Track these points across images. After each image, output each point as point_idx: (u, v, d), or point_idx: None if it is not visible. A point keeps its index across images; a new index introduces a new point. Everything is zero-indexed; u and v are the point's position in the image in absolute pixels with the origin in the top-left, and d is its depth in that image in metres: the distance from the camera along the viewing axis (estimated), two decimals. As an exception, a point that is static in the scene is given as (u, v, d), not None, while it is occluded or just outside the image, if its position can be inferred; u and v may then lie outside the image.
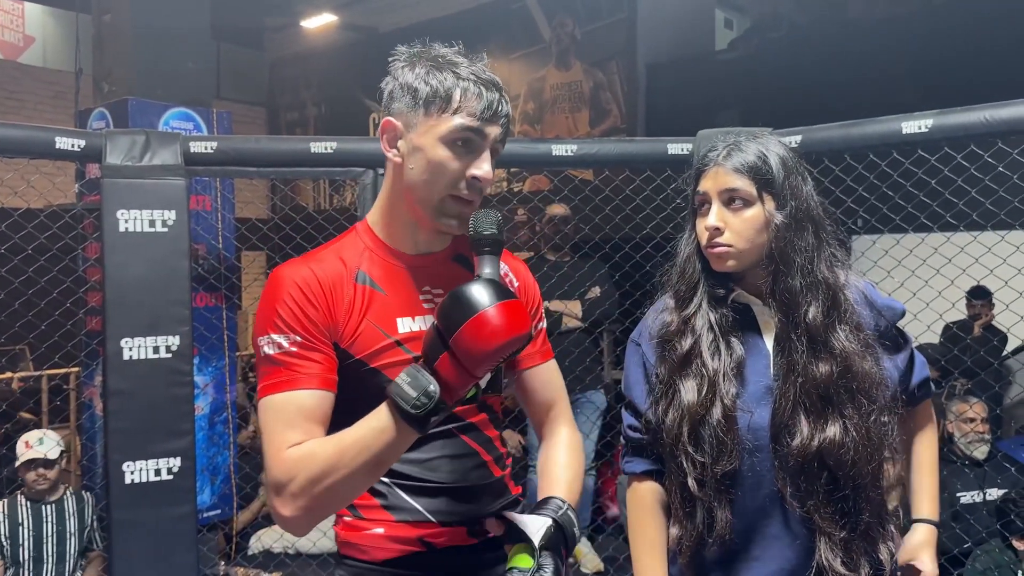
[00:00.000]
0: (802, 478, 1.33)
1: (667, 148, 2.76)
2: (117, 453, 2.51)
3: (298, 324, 1.16)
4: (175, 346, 2.57)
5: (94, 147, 2.55)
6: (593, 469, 4.01)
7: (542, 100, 8.22)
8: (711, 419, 1.35)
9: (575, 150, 2.81)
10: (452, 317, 1.04)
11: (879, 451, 1.35)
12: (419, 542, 1.24)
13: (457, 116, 1.17)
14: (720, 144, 1.43)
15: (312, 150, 2.69)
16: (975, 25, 5.33)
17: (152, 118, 3.55)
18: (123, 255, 2.53)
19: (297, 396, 1.14)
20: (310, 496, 1.10)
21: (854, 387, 1.35)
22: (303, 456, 1.11)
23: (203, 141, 2.67)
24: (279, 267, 1.22)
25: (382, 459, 1.10)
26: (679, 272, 1.48)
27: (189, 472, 2.60)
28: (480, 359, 1.04)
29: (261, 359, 1.17)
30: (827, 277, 1.39)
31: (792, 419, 1.34)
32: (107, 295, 2.53)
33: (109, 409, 2.54)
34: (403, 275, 1.26)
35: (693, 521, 1.38)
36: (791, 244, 1.37)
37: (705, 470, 1.35)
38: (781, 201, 1.38)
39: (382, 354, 1.21)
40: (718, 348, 1.39)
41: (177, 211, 2.58)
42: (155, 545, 2.53)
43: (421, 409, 1.05)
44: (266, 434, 1.15)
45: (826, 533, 1.33)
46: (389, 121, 1.22)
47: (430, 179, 1.19)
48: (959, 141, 2.43)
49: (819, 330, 1.36)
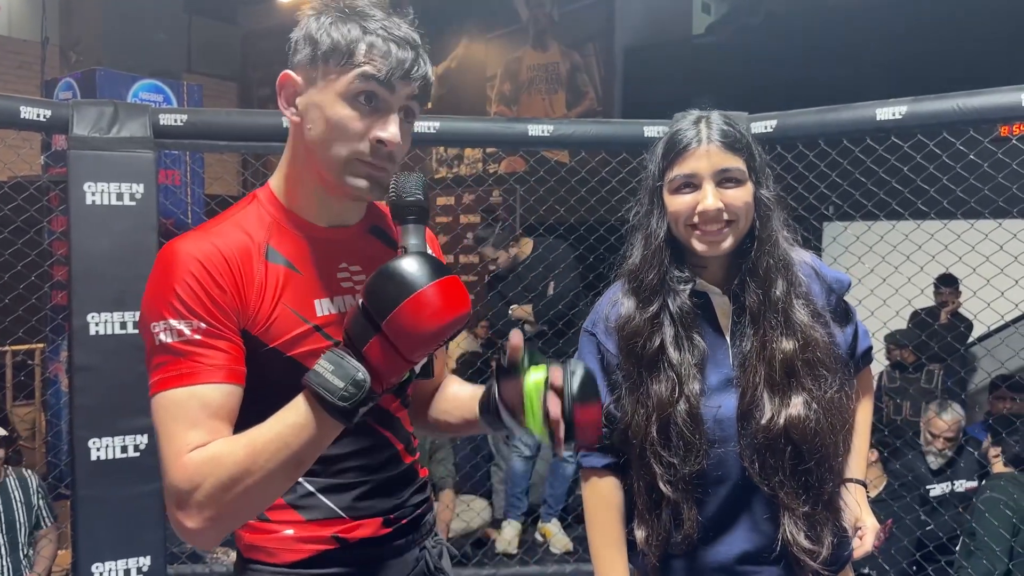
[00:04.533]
0: (768, 455, 1.33)
1: (643, 131, 2.76)
2: (83, 430, 2.47)
3: (202, 308, 1.01)
4: (143, 322, 2.52)
5: (60, 117, 2.49)
6: (573, 456, 4.03)
7: (519, 81, 8.18)
8: (677, 418, 1.33)
9: (551, 130, 2.79)
10: (384, 297, 0.92)
11: (840, 421, 1.36)
12: (331, 539, 1.15)
13: (357, 71, 1.04)
14: (695, 124, 1.37)
15: (284, 124, 2.64)
16: (949, 14, 5.38)
17: (121, 89, 3.48)
18: (90, 228, 2.48)
19: (200, 391, 1.00)
20: (219, 505, 0.96)
21: (813, 359, 1.35)
22: (208, 459, 0.97)
23: (173, 114, 2.62)
24: (172, 241, 1.06)
25: (302, 458, 0.98)
26: (644, 261, 1.41)
27: (156, 449, 2.56)
28: (419, 343, 0.93)
29: (155, 348, 1.02)
30: (788, 255, 1.39)
31: (758, 401, 1.34)
32: (73, 269, 2.48)
33: (75, 385, 2.50)
34: (316, 251, 1.12)
35: (660, 521, 1.37)
36: (771, 221, 1.37)
37: (675, 471, 1.33)
38: (763, 179, 1.38)
39: (300, 342, 1.08)
40: (680, 344, 1.36)
41: (145, 184, 2.53)
42: (122, 523, 2.50)
43: (349, 400, 0.93)
44: (163, 435, 1.00)
45: (790, 508, 1.33)
46: (287, 75, 1.09)
47: (329, 139, 1.06)
48: (932, 128, 2.46)
49: (784, 306, 1.36)
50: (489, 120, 4.19)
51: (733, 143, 1.35)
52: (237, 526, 1.04)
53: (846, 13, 6.32)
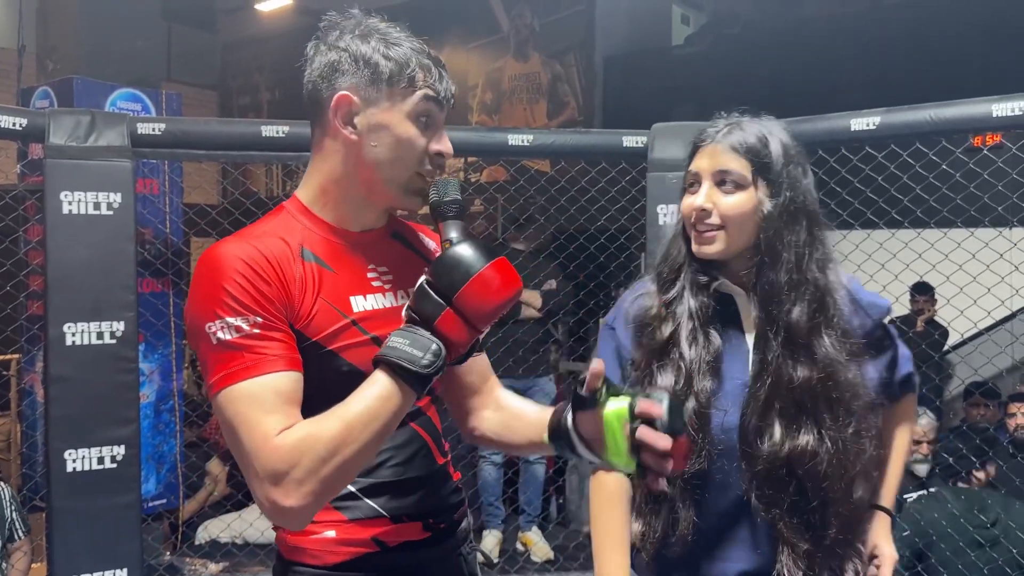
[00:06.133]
0: (768, 484, 1.28)
1: (622, 141, 2.78)
2: (59, 441, 2.45)
3: (254, 303, 1.07)
4: (120, 332, 2.51)
5: (37, 126, 2.47)
6: (543, 459, 4.03)
7: (500, 90, 8.20)
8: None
9: (531, 140, 2.81)
10: (452, 275, 1.04)
11: (853, 466, 1.29)
12: (372, 542, 1.19)
13: (420, 92, 1.15)
14: (721, 121, 1.36)
15: (263, 134, 2.65)
16: (923, 26, 5.46)
17: (98, 98, 3.45)
18: (66, 238, 2.46)
19: (270, 379, 1.05)
20: (318, 479, 1.02)
21: (834, 397, 1.28)
22: (303, 438, 1.02)
23: (151, 122, 2.61)
24: (214, 246, 1.12)
25: (388, 428, 1.06)
26: (664, 254, 1.41)
27: (133, 460, 2.55)
28: (486, 314, 1.05)
29: (213, 347, 1.06)
30: (817, 278, 1.31)
31: (763, 421, 1.28)
32: (49, 279, 2.46)
33: (51, 396, 2.48)
34: (348, 252, 1.20)
35: (658, 518, 1.35)
36: (779, 236, 1.30)
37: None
38: (775, 189, 1.31)
39: (339, 335, 1.14)
40: (696, 338, 1.32)
41: (123, 194, 2.52)
42: (97, 535, 2.48)
43: (430, 368, 1.03)
44: (243, 425, 1.04)
45: (790, 543, 1.28)
46: (346, 96, 1.15)
47: (398, 156, 1.15)
48: (905, 139, 2.49)
49: (801, 332, 1.28)
50: (469, 129, 4.20)
51: (740, 146, 1.31)
52: (330, 499, 1.09)
53: (822, 25, 6.40)
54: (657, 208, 2.71)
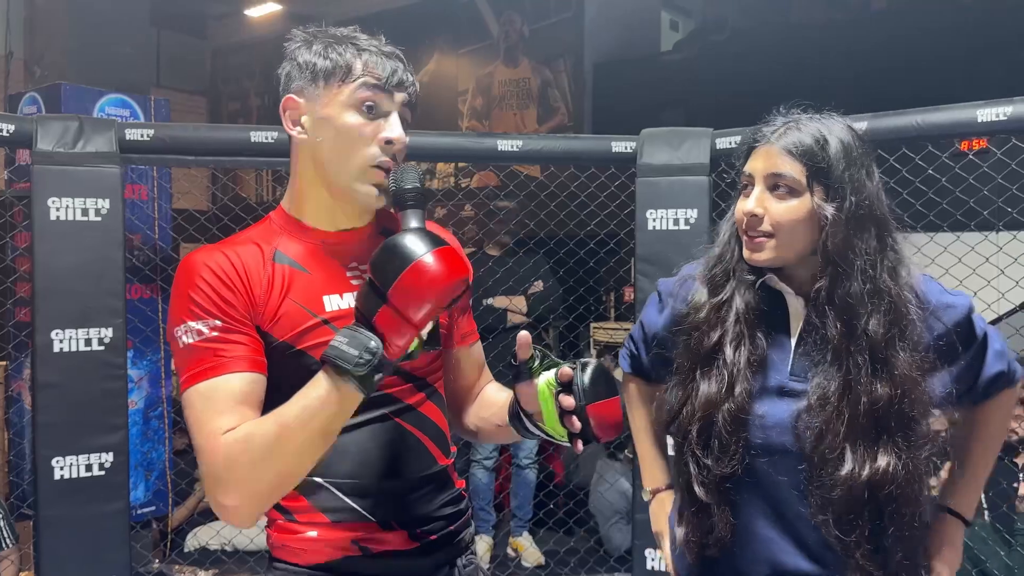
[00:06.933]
0: (845, 511, 1.22)
1: (611, 146, 2.80)
2: (46, 448, 2.44)
3: (216, 308, 1.10)
4: (108, 338, 2.50)
5: (24, 132, 2.47)
6: (535, 464, 4.03)
7: (490, 96, 8.22)
8: (720, 419, 1.27)
9: (520, 145, 2.81)
10: (387, 268, 0.99)
11: (923, 487, 1.24)
12: (354, 545, 1.18)
13: (359, 80, 1.14)
14: (779, 120, 1.30)
15: (252, 139, 2.65)
16: (910, 33, 5.50)
17: (86, 104, 3.44)
18: (54, 244, 2.45)
19: (225, 380, 1.07)
20: (255, 480, 1.03)
21: (910, 415, 1.22)
22: (241, 439, 1.03)
23: (139, 128, 2.60)
24: (189, 255, 1.16)
25: (328, 429, 1.04)
26: (718, 255, 1.36)
27: (122, 468, 2.54)
28: (422, 307, 1.00)
29: (180, 351, 1.10)
30: (890, 287, 1.24)
31: (840, 444, 1.22)
32: (36, 285, 2.45)
33: (38, 403, 2.47)
34: (324, 252, 1.20)
35: (698, 520, 1.33)
36: (850, 244, 1.23)
37: (709, 473, 1.28)
38: (835, 193, 1.24)
39: (308, 334, 1.15)
40: (741, 342, 1.29)
41: (111, 200, 2.51)
42: (85, 543, 2.46)
43: (365, 366, 0.99)
44: (195, 425, 1.07)
45: (863, 570, 1.23)
46: (290, 98, 1.18)
47: (342, 146, 1.15)
48: (892, 144, 2.51)
49: (879, 346, 1.22)
50: (459, 135, 4.20)
51: (795, 148, 1.24)
52: (273, 501, 1.10)
53: (810, 31, 6.44)
54: (646, 213, 2.72)
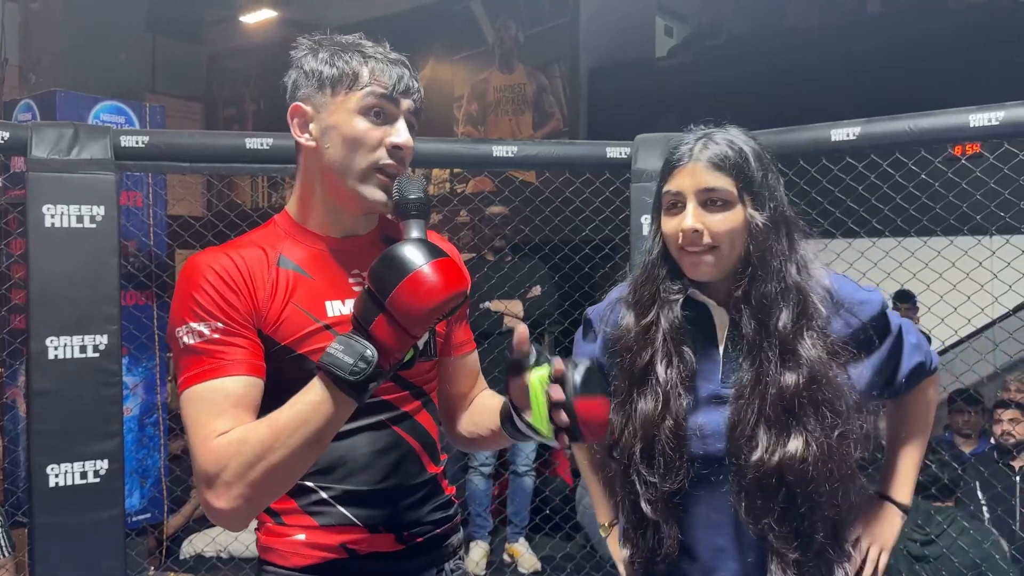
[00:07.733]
0: (759, 494, 1.27)
1: (606, 152, 2.80)
2: (41, 455, 2.43)
3: (218, 310, 1.11)
4: (103, 345, 2.49)
5: (19, 139, 2.46)
6: (532, 470, 4.03)
7: (485, 102, 8.23)
8: (661, 436, 1.30)
9: (515, 151, 2.82)
10: (386, 278, 1.00)
11: (840, 468, 1.28)
12: (341, 548, 1.19)
13: (366, 88, 1.16)
14: (691, 138, 1.33)
15: (247, 146, 2.64)
16: (905, 36, 5.53)
17: (81, 111, 3.44)
18: (49, 251, 2.45)
19: (223, 383, 1.08)
20: (245, 483, 1.03)
21: (819, 399, 1.27)
22: (234, 442, 1.04)
23: (134, 135, 2.60)
24: (193, 256, 1.17)
25: (321, 435, 1.04)
26: (642, 275, 1.39)
27: (117, 475, 2.53)
28: (419, 318, 1.00)
29: (180, 351, 1.11)
30: (797, 281, 1.31)
31: (752, 432, 1.27)
32: (32, 292, 2.44)
33: (33, 410, 2.46)
34: (328, 258, 1.22)
35: (644, 539, 1.34)
36: (770, 248, 1.29)
37: (656, 490, 1.30)
38: (759, 201, 1.30)
39: (310, 339, 1.15)
40: (671, 360, 1.32)
41: (106, 206, 2.51)
42: (80, 550, 2.45)
43: (359, 375, 1.00)
44: (191, 426, 1.08)
45: (779, 553, 1.27)
46: (298, 106, 1.20)
47: (349, 152, 1.16)
48: (885, 149, 2.52)
49: (788, 338, 1.28)
50: (454, 141, 4.21)
51: (722, 162, 1.29)
52: (264, 505, 1.11)
53: (805, 37, 6.47)
54: (641, 219, 2.73)
